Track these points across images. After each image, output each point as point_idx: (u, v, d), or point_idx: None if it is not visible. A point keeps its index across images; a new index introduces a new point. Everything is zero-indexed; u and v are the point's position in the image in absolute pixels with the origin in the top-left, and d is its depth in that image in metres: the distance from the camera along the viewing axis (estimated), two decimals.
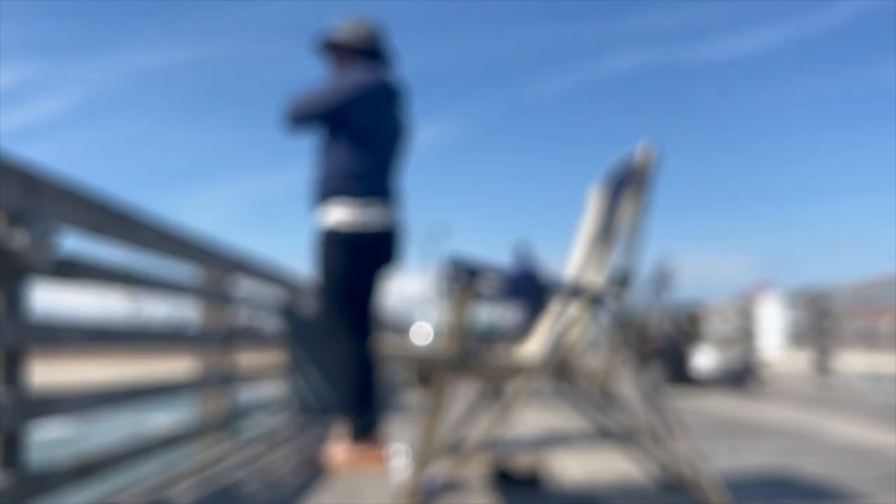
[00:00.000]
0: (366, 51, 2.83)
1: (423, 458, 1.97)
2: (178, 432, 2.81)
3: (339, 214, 2.72)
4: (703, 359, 6.95)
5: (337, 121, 2.73)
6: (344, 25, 2.86)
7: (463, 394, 3.38)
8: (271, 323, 4.44)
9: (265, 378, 4.28)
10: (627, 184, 2.01)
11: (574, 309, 1.98)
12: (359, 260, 2.75)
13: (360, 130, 2.74)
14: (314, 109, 2.72)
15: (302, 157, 3.05)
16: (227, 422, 3.30)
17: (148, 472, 2.53)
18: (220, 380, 3.26)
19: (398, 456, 2.54)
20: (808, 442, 3.19)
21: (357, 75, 2.75)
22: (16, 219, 1.77)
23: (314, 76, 2.90)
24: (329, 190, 2.73)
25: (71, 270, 2.03)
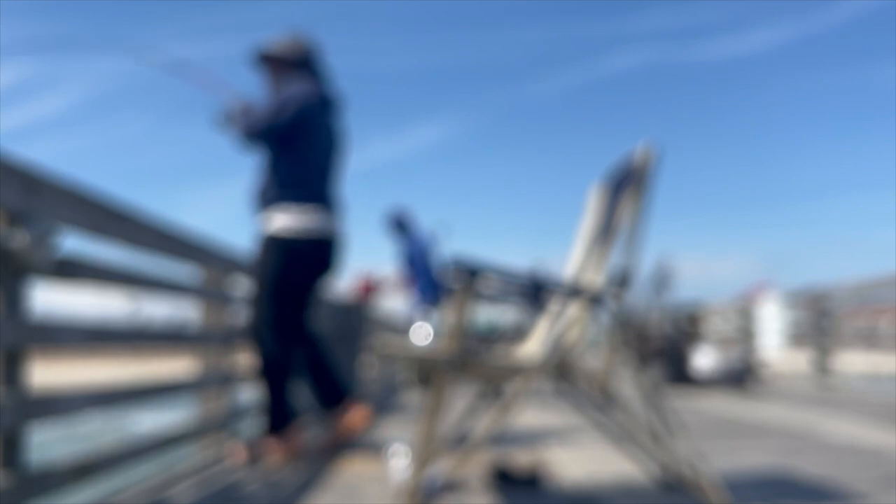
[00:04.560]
0: (300, 64, 2.93)
1: (423, 458, 1.97)
2: (178, 432, 2.80)
3: (281, 221, 2.81)
4: (703, 359, 6.95)
5: (288, 133, 2.81)
6: (279, 40, 2.96)
7: (463, 394, 3.37)
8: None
9: None
10: (627, 183, 2.01)
11: (574, 309, 1.98)
12: (297, 266, 2.85)
13: (301, 140, 2.83)
14: (267, 125, 2.80)
15: None
16: (227, 422, 3.30)
17: (148, 471, 2.53)
18: (220, 380, 3.26)
19: (398, 456, 2.54)
20: (808, 442, 3.19)
21: (299, 88, 2.84)
22: (16, 219, 1.77)
23: (252, 87, 3.04)
24: (271, 197, 2.83)
25: (71, 270, 2.03)
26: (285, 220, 2.81)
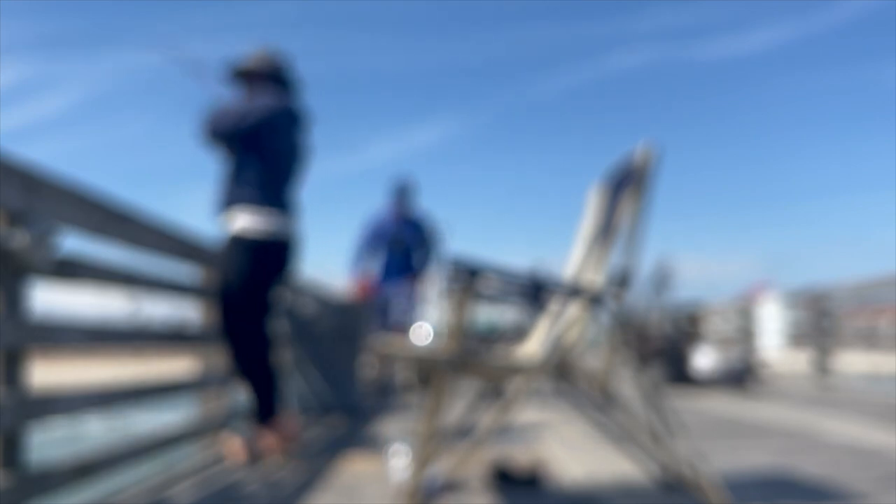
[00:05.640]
0: (272, 77, 3.08)
1: (423, 458, 1.97)
2: (178, 432, 2.81)
3: (245, 221, 2.90)
4: (703, 359, 6.95)
5: (248, 139, 2.94)
6: (252, 54, 3.11)
7: (463, 394, 3.38)
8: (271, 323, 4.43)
9: None
10: (627, 183, 2.01)
11: (574, 309, 1.98)
12: (260, 265, 2.94)
13: (266, 147, 2.96)
14: (230, 127, 2.94)
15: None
16: (227, 422, 3.30)
17: (148, 471, 2.54)
18: (220, 380, 3.26)
19: (398, 456, 2.54)
20: (808, 442, 3.19)
21: (266, 99, 2.99)
22: (16, 219, 1.77)
23: (224, 94, 3.13)
24: (235, 198, 2.93)
25: (71, 270, 2.03)
26: (248, 221, 2.91)
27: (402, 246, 6.09)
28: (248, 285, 2.92)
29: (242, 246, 2.91)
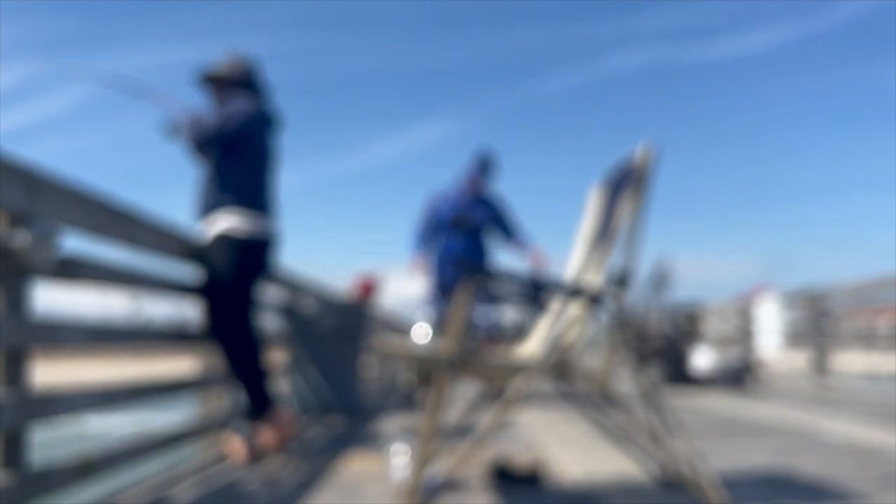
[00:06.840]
0: (242, 83, 3.14)
1: (423, 458, 1.97)
2: (179, 431, 2.81)
3: (229, 222, 2.96)
4: (702, 358, 6.95)
5: (231, 143, 3.00)
6: (223, 60, 3.16)
7: (463, 393, 3.38)
8: (272, 322, 4.44)
9: None
10: (627, 184, 2.02)
11: (573, 308, 1.99)
12: (246, 263, 3.00)
13: (244, 150, 3.03)
14: (214, 133, 2.98)
15: (301, 159, 3.17)
16: (228, 421, 3.30)
17: (149, 471, 2.54)
18: (221, 379, 3.26)
19: (398, 455, 2.54)
20: (806, 442, 3.20)
21: (241, 103, 3.04)
22: (17, 219, 1.78)
23: (200, 101, 3.19)
24: (216, 201, 2.99)
25: (72, 270, 2.03)
26: (232, 222, 2.96)
27: (469, 227, 5.18)
28: (235, 283, 2.97)
29: (229, 245, 2.95)
